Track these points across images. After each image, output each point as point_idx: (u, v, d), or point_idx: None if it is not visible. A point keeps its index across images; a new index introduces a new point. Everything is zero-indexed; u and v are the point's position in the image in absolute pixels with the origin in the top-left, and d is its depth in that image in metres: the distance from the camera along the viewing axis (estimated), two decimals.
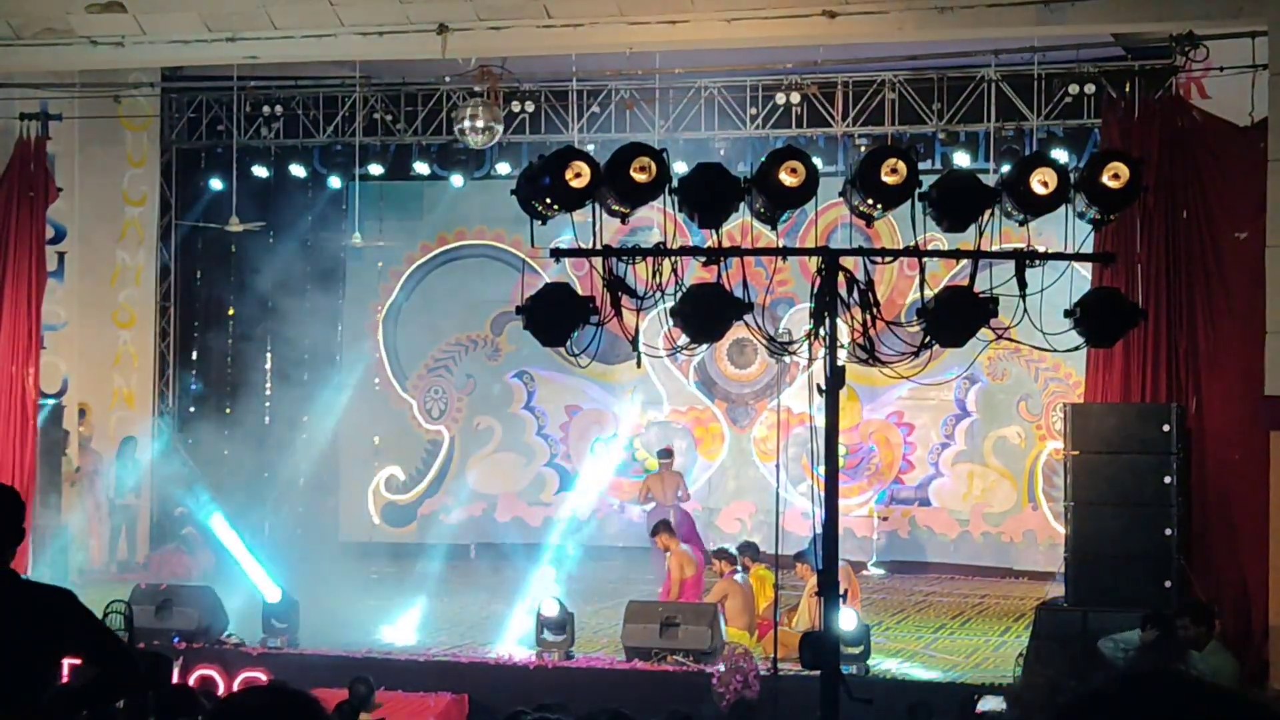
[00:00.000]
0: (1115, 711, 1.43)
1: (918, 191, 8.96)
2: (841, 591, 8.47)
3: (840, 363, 8.37)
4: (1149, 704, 1.42)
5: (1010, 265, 9.06)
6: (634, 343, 9.06)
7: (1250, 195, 14.69)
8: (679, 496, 19.32)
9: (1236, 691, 1.46)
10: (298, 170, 21.57)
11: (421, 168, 21.31)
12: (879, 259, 9.76)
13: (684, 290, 8.89)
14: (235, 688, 14.01)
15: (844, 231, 16.40)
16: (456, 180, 21.28)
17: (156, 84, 21.27)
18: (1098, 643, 12.89)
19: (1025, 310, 8.79)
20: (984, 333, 9.10)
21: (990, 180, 9.64)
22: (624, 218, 9.40)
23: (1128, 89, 17.95)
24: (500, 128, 18.97)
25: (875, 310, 8.71)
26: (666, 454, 20.04)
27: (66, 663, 5.91)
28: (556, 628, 14.76)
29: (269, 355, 23.07)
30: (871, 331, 8.70)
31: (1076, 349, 9.88)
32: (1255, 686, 13.61)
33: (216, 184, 21.67)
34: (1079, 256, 9.89)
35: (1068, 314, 9.19)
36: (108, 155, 21.44)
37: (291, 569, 20.09)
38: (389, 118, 21.11)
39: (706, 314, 8.84)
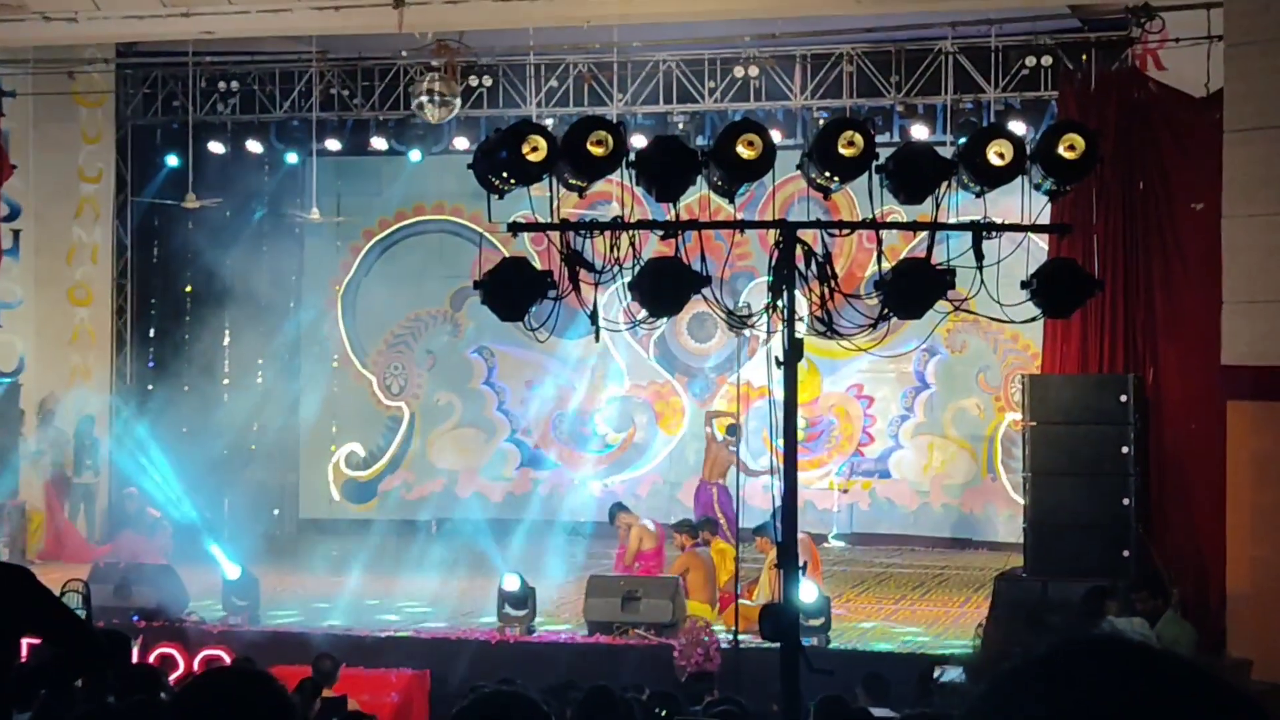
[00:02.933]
0: (1057, 678, 1.43)
1: (875, 164, 8.98)
2: (802, 564, 8.50)
3: (798, 335, 8.38)
4: (1093, 670, 1.42)
5: (968, 237, 9.09)
6: (593, 317, 9.06)
7: (1206, 166, 14.74)
8: (723, 474, 18.71)
9: (1187, 658, 1.45)
10: (254, 146, 21.44)
11: (379, 143, 21.23)
12: (837, 231, 9.76)
13: (642, 264, 8.89)
14: (196, 666, 13.98)
15: (803, 205, 16.41)
16: (414, 155, 21.21)
17: (111, 60, 21.11)
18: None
19: (982, 282, 8.82)
20: (942, 304, 9.13)
21: (947, 152, 9.67)
22: (581, 191, 9.40)
23: (1084, 61, 17.99)
24: (458, 102, 18.91)
25: (833, 283, 8.72)
26: (733, 430, 19.49)
27: (25, 642, 5.87)
28: (518, 602, 14.76)
29: (227, 332, 22.96)
30: (830, 304, 8.72)
31: (1034, 320, 9.93)
32: (1213, 655, 13.71)
33: (173, 160, 21.52)
34: (1036, 228, 9.92)
35: (1025, 285, 9.22)
36: (62, 132, 21.29)
37: (251, 546, 20.07)
38: (346, 93, 21.01)
39: (664, 288, 8.84)
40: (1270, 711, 1.42)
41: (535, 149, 8.90)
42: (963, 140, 10.68)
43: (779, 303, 8.44)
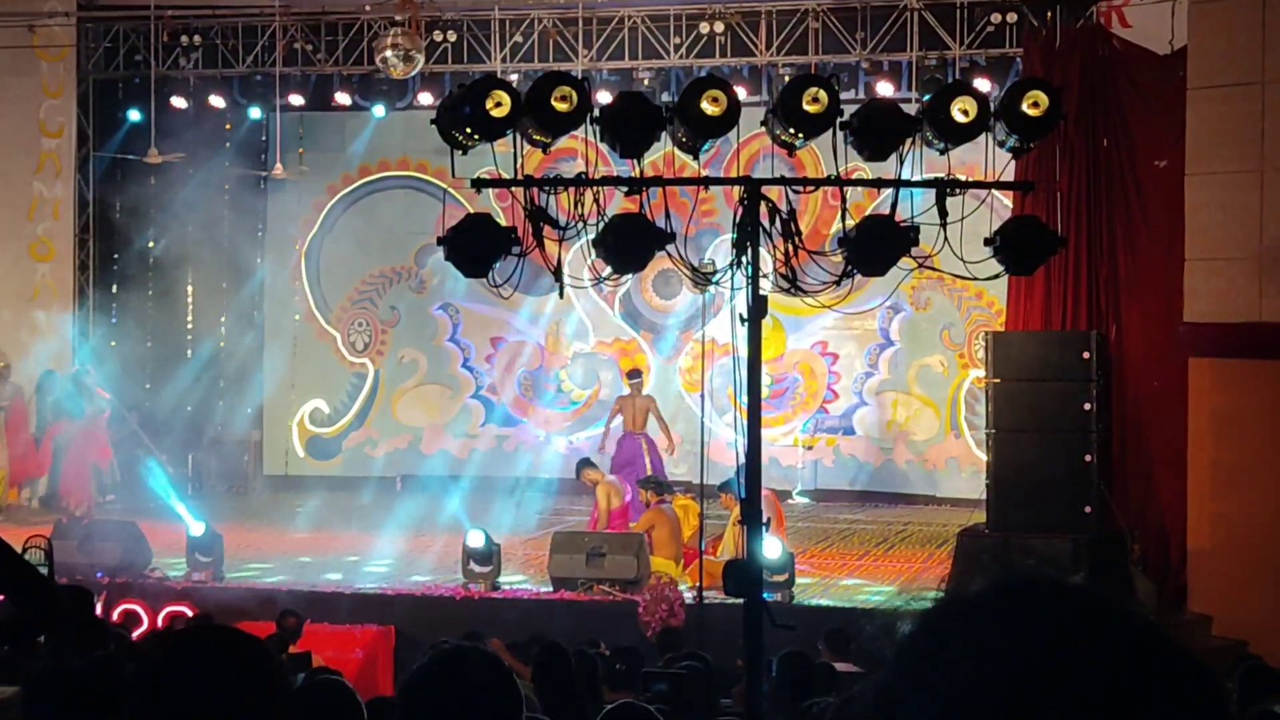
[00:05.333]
0: (985, 617, 1.43)
1: (839, 120, 8.98)
2: (766, 519, 8.52)
3: (763, 292, 8.38)
4: (1024, 610, 1.41)
5: (932, 194, 9.10)
6: (557, 273, 9.06)
7: (1170, 123, 14.80)
8: (643, 424, 18.93)
9: (1121, 603, 1.45)
10: (217, 101, 21.31)
11: (342, 98, 21.12)
12: (801, 188, 9.76)
13: (606, 221, 8.89)
14: (160, 622, 13.97)
15: (767, 161, 16.41)
16: (378, 111, 21.12)
17: (72, 13, 20.95)
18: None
19: (946, 239, 8.84)
20: (906, 261, 9.15)
21: (912, 109, 9.67)
22: (545, 147, 9.38)
23: (1049, 18, 18.00)
24: (421, 57, 18.82)
25: (798, 240, 8.73)
26: (635, 374, 19.65)
27: None
28: (482, 559, 14.78)
29: (190, 288, 22.87)
30: (794, 261, 8.73)
31: (997, 277, 9.96)
32: (1174, 611, 13.83)
33: (135, 115, 21.39)
34: (999, 185, 9.95)
35: (988, 242, 9.24)
36: (23, 86, 21.12)
37: (215, 502, 20.06)
38: (309, 48, 20.88)
39: (628, 244, 8.84)
40: (1199, 653, 1.42)
41: (499, 104, 8.88)
42: (927, 97, 10.69)
43: (743, 259, 8.44)
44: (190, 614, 13.72)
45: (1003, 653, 1.37)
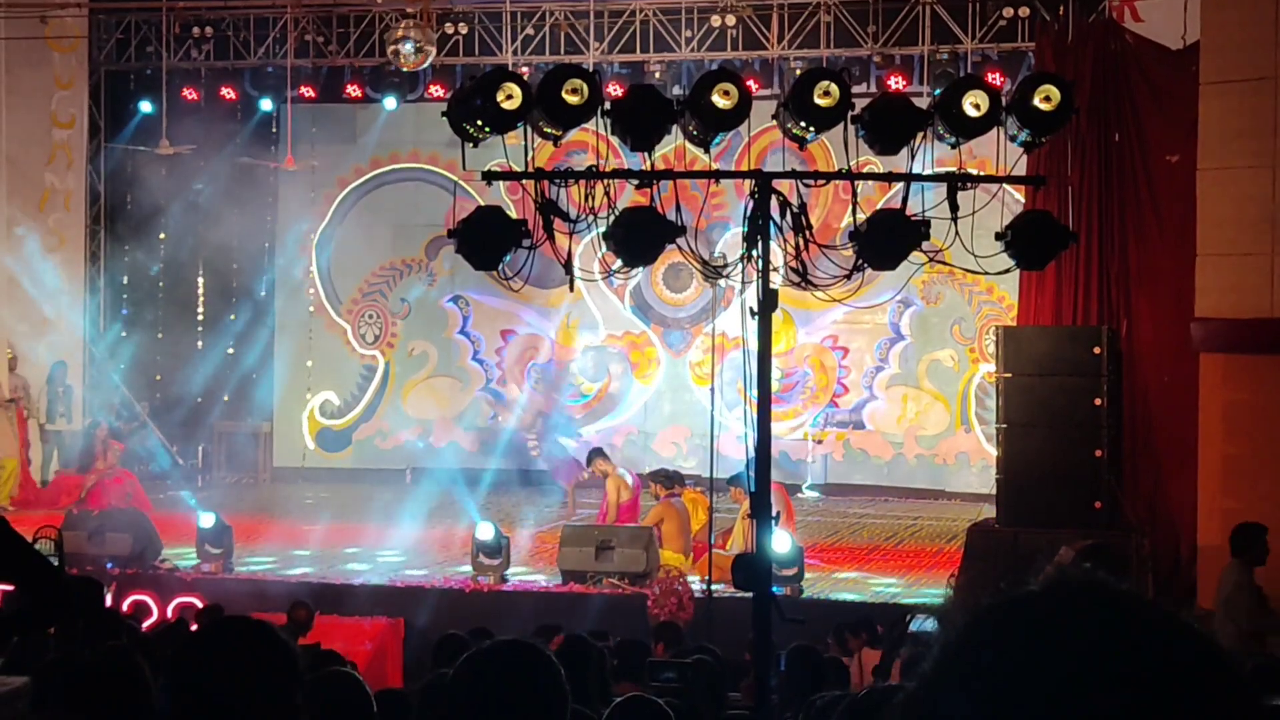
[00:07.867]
0: (1037, 617, 1.42)
1: (851, 114, 8.97)
2: (775, 513, 8.51)
3: (773, 286, 8.37)
4: (1075, 611, 1.41)
5: (943, 188, 9.08)
6: (567, 266, 9.05)
7: (1182, 118, 14.76)
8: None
9: (1169, 609, 1.44)
10: (228, 93, 21.34)
11: (354, 90, 21.13)
12: (812, 182, 9.74)
13: (617, 214, 8.88)
14: (170, 614, 13.99)
15: (779, 155, 16.39)
16: (389, 103, 21.13)
17: (84, 5, 20.98)
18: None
19: (957, 233, 8.83)
20: (917, 256, 9.13)
21: (924, 103, 9.65)
22: (556, 140, 9.38)
23: (1061, 13, 17.98)
24: (433, 50, 18.83)
25: (808, 233, 8.71)
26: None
27: None
28: (492, 552, 14.78)
29: (201, 279, 22.91)
30: (805, 255, 8.71)
31: (1008, 271, 9.94)
32: (1183, 608, 13.78)
33: (146, 106, 21.43)
34: (1011, 179, 9.94)
35: (999, 237, 9.22)
36: (35, 77, 21.14)
37: (225, 493, 20.08)
38: (320, 40, 20.90)
39: (639, 237, 8.83)
40: (1243, 668, 1.41)
41: (510, 97, 8.88)
42: (939, 91, 10.68)
43: (754, 253, 8.43)
44: (200, 605, 13.73)
45: (1050, 655, 1.36)
